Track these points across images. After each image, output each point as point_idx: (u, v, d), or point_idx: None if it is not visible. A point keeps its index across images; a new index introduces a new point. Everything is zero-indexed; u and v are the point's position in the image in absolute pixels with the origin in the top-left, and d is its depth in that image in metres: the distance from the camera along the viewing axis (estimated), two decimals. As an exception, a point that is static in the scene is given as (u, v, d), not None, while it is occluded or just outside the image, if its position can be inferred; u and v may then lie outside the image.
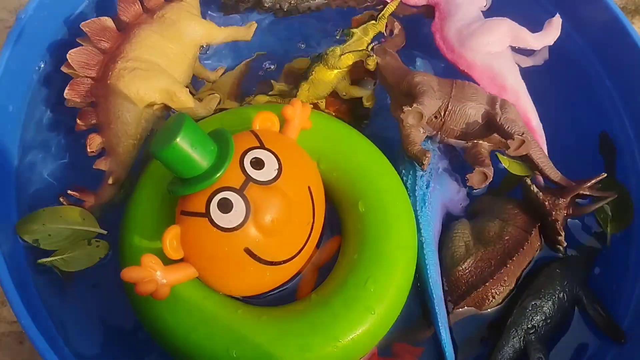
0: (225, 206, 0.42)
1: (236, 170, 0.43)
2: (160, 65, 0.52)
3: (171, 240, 0.43)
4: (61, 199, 0.52)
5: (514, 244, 0.51)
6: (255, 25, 0.59)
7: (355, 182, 0.50)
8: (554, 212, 0.51)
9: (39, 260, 0.50)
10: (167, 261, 0.43)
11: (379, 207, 0.49)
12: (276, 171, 0.44)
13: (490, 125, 0.52)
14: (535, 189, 0.52)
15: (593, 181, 0.53)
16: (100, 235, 0.52)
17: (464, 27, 0.57)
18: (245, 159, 0.44)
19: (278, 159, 0.45)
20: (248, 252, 0.43)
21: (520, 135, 0.50)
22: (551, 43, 0.60)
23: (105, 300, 0.51)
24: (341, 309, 0.45)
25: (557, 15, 0.60)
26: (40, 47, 0.56)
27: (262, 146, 0.45)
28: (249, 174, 0.43)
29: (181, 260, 0.44)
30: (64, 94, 0.52)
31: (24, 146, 0.55)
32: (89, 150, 0.52)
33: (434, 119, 0.52)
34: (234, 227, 0.42)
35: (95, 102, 0.52)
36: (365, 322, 0.45)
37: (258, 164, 0.44)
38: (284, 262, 0.45)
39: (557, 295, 0.51)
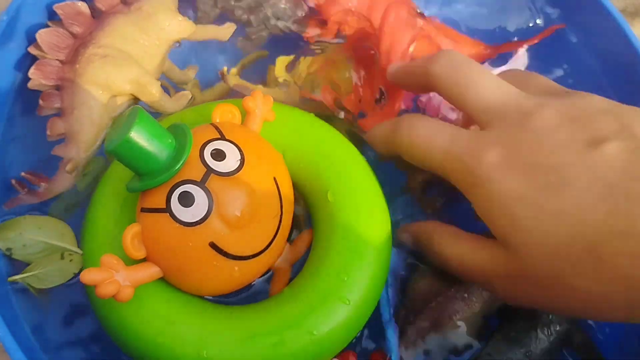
0: (187, 199, 0.41)
1: (196, 162, 0.42)
2: (133, 56, 0.51)
3: (132, 238, 0.41)
4: (13, 182, 0.50)
5: None
6: (234, 26, 0.57)
7: (323, 172, 0.48)
8: None
9: (10, 278, 0.48)
10: (130, 262, 0.42)
11: (349, 196, 0.47)
12: (238, 162, 0.43)
13: None
14: None
15: None
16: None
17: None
18: (205, 151, 0.42)
19: (240, 150, 0.43)
20: (213, 246, 0.41)
21: None
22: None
23: (84, 307, 0.49)
24: (314, 300, 0.43)
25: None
26: (23, 50, 0.54)
27: (222, 137, 0.44)
28: (210, 165, 0.42)
29: (144, 260, 0.42)
30: (29, 74, 0.50)
31: (5, 148, 0.53)
32: (48, 133, 0.50)
33: None
34: (197, 221, 0.41)
35: (60, 85, 0.50)
36: (340, 312, 0.43)
37: (219, 155, 0.42)
38: (253, 256, 0.43)
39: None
